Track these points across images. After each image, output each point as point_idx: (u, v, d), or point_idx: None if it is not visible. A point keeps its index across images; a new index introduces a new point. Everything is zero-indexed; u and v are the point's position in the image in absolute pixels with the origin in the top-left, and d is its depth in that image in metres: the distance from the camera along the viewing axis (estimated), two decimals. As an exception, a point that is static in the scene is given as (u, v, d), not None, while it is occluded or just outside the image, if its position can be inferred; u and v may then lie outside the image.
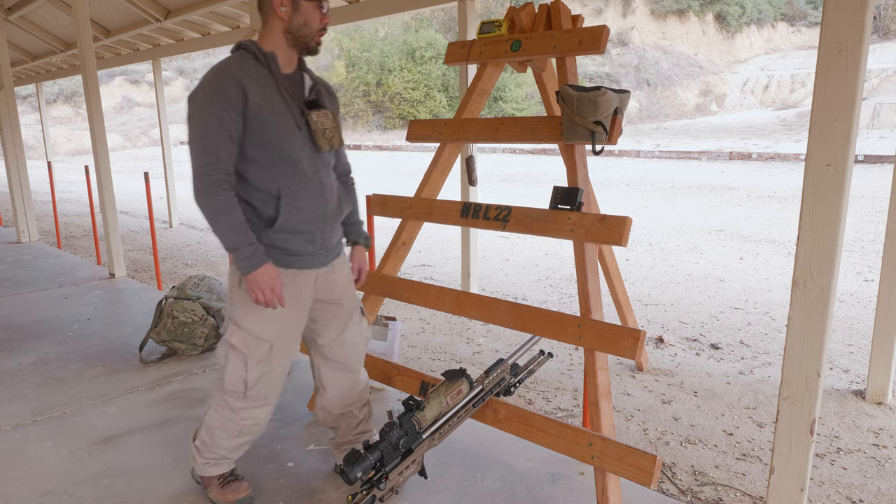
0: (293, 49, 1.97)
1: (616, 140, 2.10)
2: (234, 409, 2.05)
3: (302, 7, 1.92)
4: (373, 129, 26.77)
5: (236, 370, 2.00)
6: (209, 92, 1.84)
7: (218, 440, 2.10)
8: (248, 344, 1.98)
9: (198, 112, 1.85)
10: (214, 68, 1.89)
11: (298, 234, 1.98)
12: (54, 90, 29.26)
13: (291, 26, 1.93)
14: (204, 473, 2.17)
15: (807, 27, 29.13)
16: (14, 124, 7.10)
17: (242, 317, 1.98)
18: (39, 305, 4.64)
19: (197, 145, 1.85)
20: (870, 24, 1.58)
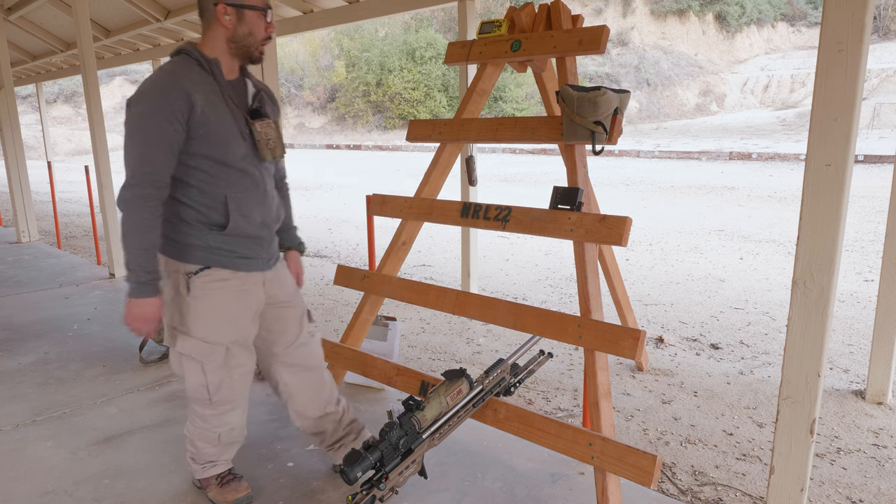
0: (236, 57, 1.95)
1: (616, 140, 2.10)
2: (204, 417, 2.04)
3: (247, 17, 1.89)
4: (373, 129, 26.77)
5: (195, 378, 1.98)
6: (154, 101, 1.80)
7: (202, 449, 2.12)
8: (201, 351, 1.95)
9: (139, 120, 1.81)
10: (159, 75, 1.84)
11: (248, 238, 1.97)
12: (54, 90, 29.26)
13: (235, 35, 1.90)
14: (201, 476, 2.17)
15: (807, 27, 29.13)
16: (14, 124, 7.10)
17: (193, 324, 1.94)
18: (39, 305, 4.64)
19: (134, 153, 1.80)
20: (870, 24, 1.58)
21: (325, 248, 7.23)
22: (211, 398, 2.00)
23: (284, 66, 29.71)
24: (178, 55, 1.91)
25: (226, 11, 1.87)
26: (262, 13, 1.92)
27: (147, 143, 1.79)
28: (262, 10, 1.91)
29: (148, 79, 1.86)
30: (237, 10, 1.88)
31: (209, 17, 1.90)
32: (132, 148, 1.81)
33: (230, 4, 1.86)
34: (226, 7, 1.86)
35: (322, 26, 5.55)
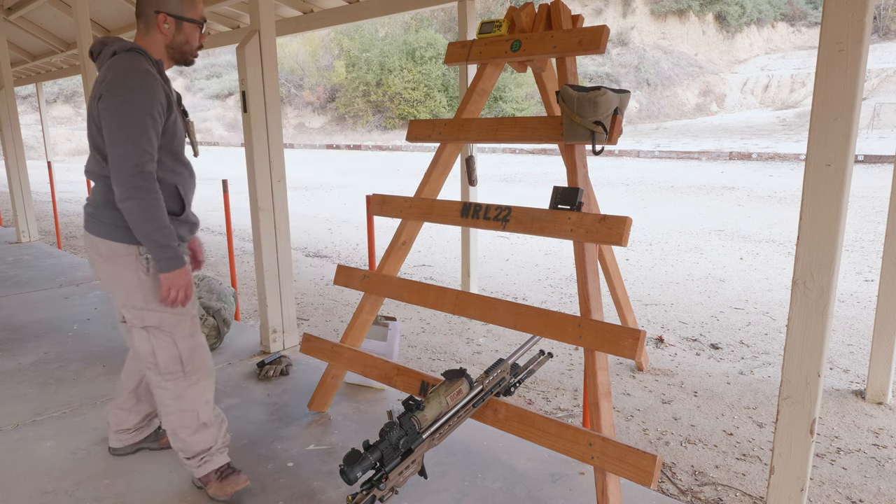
0: (171, 61, 2.11)
1: (616, 140, 2.10)
2: (178, 394, 2.11)
3: (185, 28, 2.06)
4: (373, 129, 26.77)
5: (167, 351, 2.08)
6: (144, 92, 1.90)
7: (187, 440, 2.15)
8: (170, 322, 2.07)
9: (132, 109, 1.88)
10: (134, 67, 1.92)
11: (189, 224, 2.15)
12: (54, 90, 29.26)
13: (173, 43, 2.07)
14: (201, 474, 2.19)
15: (807, 27, 29.13)
16: (14, 124, 7.10)
17: (156, 300, 2.05)
18: (39, 305, 4.64)
19: (131, 142, 1.87)
20: (870, 24, 1.58)
21: (325, 248, 7.23)
22: (185, 368, 2.10)
23: (284, 66, 29.70)
24: (128, 52, 1.98)
25: (166, 20, 2.02)
26: (199, 26, 2.10)
27: (144, 132, 1.89)
28: (199, 23, 2.09)
29: (119, 70, 1.92)
30: (176, 21, 2.04)
31: (148, 22, 2.03)
32: (130, 138, 1.88)
33: (171, 15, 2.02)
34: (166, 17, 2.02)
35: (322, 26, 5.55)
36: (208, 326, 3.52)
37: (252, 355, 3.58)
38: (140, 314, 2.06)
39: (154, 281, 2.04)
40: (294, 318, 3.72)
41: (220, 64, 33.34)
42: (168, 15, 2.01)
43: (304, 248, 7.23)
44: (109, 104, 1.89)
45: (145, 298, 2.04)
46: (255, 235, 3.52)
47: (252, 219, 3.51)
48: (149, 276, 2.04)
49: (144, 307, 2.05)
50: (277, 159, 3.50)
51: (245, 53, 3.27)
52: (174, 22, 2.03)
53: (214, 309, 3.58)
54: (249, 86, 3.31)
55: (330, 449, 2.55)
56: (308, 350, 2.81)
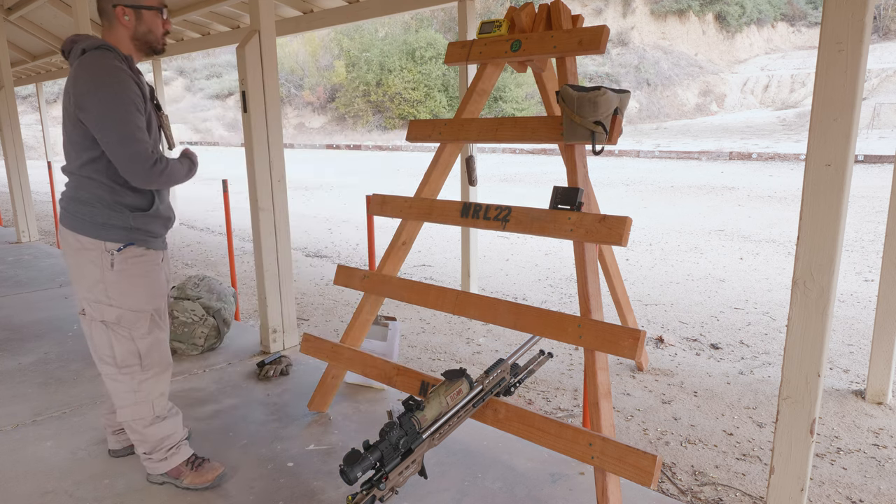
0: (141, 52, 2.14)
1: (616, 140, 2.10)
2: (134, 388, 2.15)
3: (144, 16, 2.08)
4: (373, 129, 26.77)
5: (124, 346, 2.12)
6: (120, 87, 1.93)
7: (144, 431, 2.20)
8: (129, 319, 2.11)
9: (116, 107, 1.92)
10: (105, 64, 1.94)
11: (162, 219, 2.19)
12: (54, 90, 29.25)
13: (136, 34, 2.08)
14: (168, 468, 2.24)
15: (807, 27, 29.13)
16: (14, 124, 7.10)
17: (119, 296, 2.09)
18: (39, 305, 4.64)
19: (136, 139, 1.94)
20: (870, 24, 1.58)
21: (325, 248, 7.23)
22: (142, 362, 2.15)
23: (284, 66, 29.70)
24: (98, 49, 1.99)
25: (125, 13, 2.04)
26: (158, 12, 2.11)
27: (137, 125, 1.96)
28: (158, 9, 2.11)
29: (92, 71, 1.94)
30: (135, 11, 2.06)
31: (110, 18, 2.06)
32: (133, 137, 1.94)
33: (128, 6, 2.04)
34: (124, 9, 2.04)
35: (322, 26, 5.55)
36: (208, 326, 3.52)
37: (252, 355, 3.58)
38: (100, 308, 2.10)
39: (118, 276, 2.07)
40: (294, 318, 3.72)
41: (220, 64, 33.34)
42: (125, 7, 2.03)
43: (304, 248, 7.23)
44: (93, 110, 1.92)
45: (107, 293, 2.08)
46: (255, 235, 3.52)
47: (252, 219, 3.51)
48: (112, 272, 2.07)
49: (105, 302, 2.09)
50: (277, 159, 3.50)
51: (245, 53, 3.27)
52: (133, 12, 2.05)
53: (214, 309, 3.58)
54: (249, 86, 3.31)
55: (330, 449, 2.55)
56: (308, 350, 2.81)
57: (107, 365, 2.15)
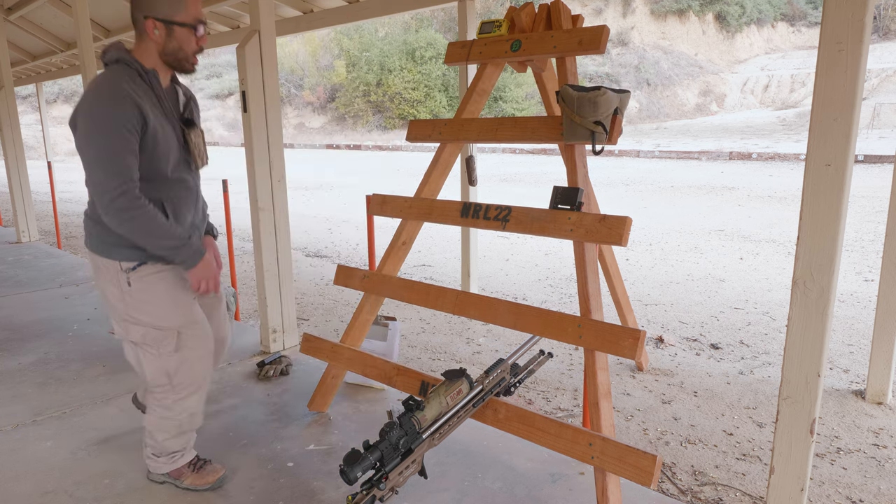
0: (169, 67, 1.99)
1: (616, 140, 2.10)
2: (165, 405, 2.11)
3: (176, 32, 1.92)
4: (373, 129, 26.77)
5: (153, 364, 2.06)
6: (112, 112, 1.80)
7: (163, 442, 2.18)
8: (153, 337, 2.03)
9: (100, 132, 1.81)
10: (107, 84, 1.84)
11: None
12: (54, 90, 29.26)
13: (165, 49, 1.94)
14: (170, 469, 2.24)
15: (807, 27, 29.13)
16: (14, 124, 7.10)
17: (140, 314, 2.02)
18: (39, 305, 4.64)
19: (104, 166, 1.82)
20: (870, 24, 1.58)
21: (325, 248, 7.23)
22: (171, 382, 2.08)
23: (284, 66, 29.70)
24: (115, 63, 1.92)
25: (155, 26, 1.90)
26: (192, 29, 1.94)
27: (117, 155, 1.82)
28: (192, 26, 1.94)
29: (92, 91, 1.85)
30: (166, 27, 1.90)
31: (140, 29, 1.93)
32: (101, 162, 1.82)
33: (159, 19, 1.89)
34: (155, 22, 1.89)
35: (322, 26, 5.55)
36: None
37: (252, 355, 3.58)
38: (126, 327, 2.05)
39: (137, 294, 2.00)
40: (294, 318, 3.72)
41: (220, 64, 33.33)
42: (156, 20, 1.89)
43: (304, 248, 7.23)
44: (79, 130, 1.85)
45: (129, 312, 2.02)
46: (255, 235, 3.52)
47: (252, 219, 3.51)
48: (130, 290, 2.00)
49: (129, 320, 2.03)
50: (277, 159, 3.50)
51: (245, 53, 3.27)
52: (164, 27, 1.90)
53: (214, 309, 3.58)
54: (249, 86, 3.31)
55: (330, 449, 2.55)
56: (308, 350, 2.81)
57: (152, 402, 2.14)
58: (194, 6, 1.94)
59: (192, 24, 1.94)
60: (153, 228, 1.89)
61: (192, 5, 1.94)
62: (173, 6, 1.90)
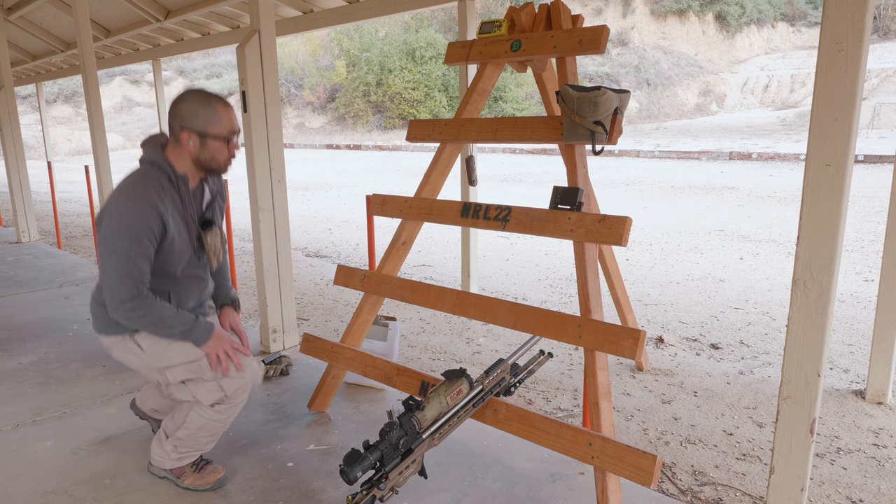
0: (200, 172, 2.09)
1: (616, 140, 2.10)
2: (220, 412, 2.15)
3: (209, 144, 2.01)
4: (373, 129, 26.76)
5: (207, 389, 2.11)
6: (134, 222, 1.91)
7: (199, 438, 2.20)
8: (193, 369, 2.09)
9: (121, 241, 1.91)
10: (135, 190, 1.94)
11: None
12: (54, 90, 29.26)
13: (199, 158, 2.03)
14: (175, 465, 2.25)
15: (807, 27, 29.12)
16: (14, 124, 7.10)
17: (169, 361, 2.09)
18: (39, 305, 4.64)
19: (118, 270, 1.92)
20: (870, 24, 1.58)
21: (325, 248, 7.23)
22: (227, 394, 2.12)
23: (284, 66, 29.70)
24: (149, 165, 2.01)
25: (190, 137, 1.99)
26: (224, 141, 2.03)
27: (131, 261, 1.92)
28: (226, 138, 2.03)
29: (122, 194, 1.95)
30: (201, 138, 1.99)
31: (175, 136, 2.01)
32: (117, 266, 1.92)
33: (194, 132, 1.98)
34: (190, 134, 1.98)
35: (322, 26, 5.55)
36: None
37: (252, 355, 3.58)
38: (164, 375, 2.12)
39: (152, 348, 2.08)
40: (294, 318, 3.72)
41: (220, 64, 33.33)
42: (191, 131, 1.98)
43: (304, 248, 7.23)
44: (103, 230, 1.95)
45: (155, 365, 2.10)
46: (255, 235, 3.52)
47: (252, 219, 3.51)
48: (144, 351, 2.09)
49: (162, 369, 2.11)
50: (277, 159, 3.50)
51: (245, 53, 3.27)
52: (198, 138, 1.99)
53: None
54: (249, 86, 3.31)
55: (330, 449, 2.55)
56: (308, 350, 2.81)
57: (198, 407, 2.15)
58: (228, 119, 2.02)
59: (227, 136, 2.03)
60: (161, 320, 2.00)
61: (226, 118, 2.02)
62: (209, 120, 1.98)
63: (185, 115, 1.98)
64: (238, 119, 2.11)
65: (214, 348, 2.09)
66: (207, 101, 2.00)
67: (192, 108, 1.98)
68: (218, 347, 2.09)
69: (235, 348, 2.12)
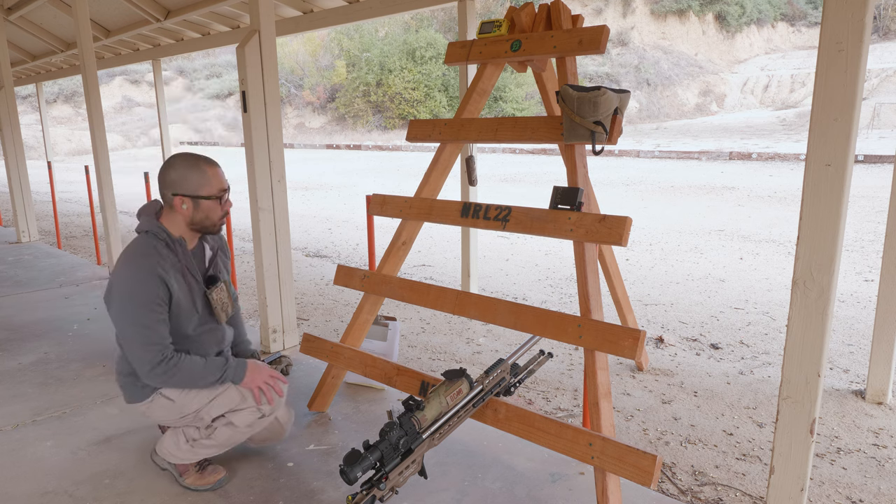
0: (195, 234, 2.17)
1: (616, 140, 2.10)
2: (252, 425, 2.23)
3: (202, 205, 2.09)
4: (373, 129, 26.76)
5: (247, 414, 2.20)
6: (141, 293, 1.98)
7: (237, 434, 2.23)
8: (228, 402, 2.16)
9: (134, 314, 1.99)
10: (136, 264, 2.01)
11: None
12: (54, 90, 29.26)
13: (193, 220, 2.11)
14: (183, 462, 2.26)
15: (807, 27, 29.12)
16: (14, 124, 7.10)
17: (199, 402, 2.15)
18: (39, 305, 4.64)
19: (139, 341, 2.00)
20: (870, 24, 1.58)
21: (325, 248, 7.23)
22: (263, 412, 2.20)
23: (284, 66, 29.70)
24: (145, 234, 2.09)
25: (183, 202, 2.07)
26: (218, 201, 2.12)
27: (150, 328, 2.00)
28: (218, 197, 2.11)
29: (122, 268, 2.03)
30: (193, 201, 2.08)
31: (169, 204, 2.10)
32: (137, 337, 2.00)
33: (186, 196, 2.07)
34: (182, 198, 2.07)
35: (322, 26, 5.55)
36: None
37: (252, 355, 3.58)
38: (200, 418, 2.18)
39: (182, 399, 2.14)
40: (294, 318, 3.72)
41: (220, 64, 33.34)
42: (184, 196, 2.06)
43: (304, 248, 7.23)
44: (114, 307, 2.03)
45: (189, 411, 2.15)
46: (255, 235, 3.52)
47: (252, 219, 3.51)
48: (174, 402, 2.15)
49: (197, 413, 2.16)
50: (277, 159, 3.50)
51: (245, 53, 3.27)
52: (191, 201, 2.07)
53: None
54: (249, 86, 3.31)
55: (330, 449, 2.55)
56: (308, 350, 2.81)
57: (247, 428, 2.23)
58: (217, 179, 2.11)
59: (218, 195, 2.11)
60: (193, 375, 2.07)
61: (215, 179, 2.10)
62: (199, 182, 2.07)
63: (175, 182, 2.06)
64: (225, 177, 2.19)
65: (253, 382, 2.16)
66: (196, 165, 2.08)
67: (181, 173, 2.06)
68: (257, 380, 2.17)
69: (272, 375, 2.20)
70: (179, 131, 28.09)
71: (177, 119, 28.86)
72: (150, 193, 5.08)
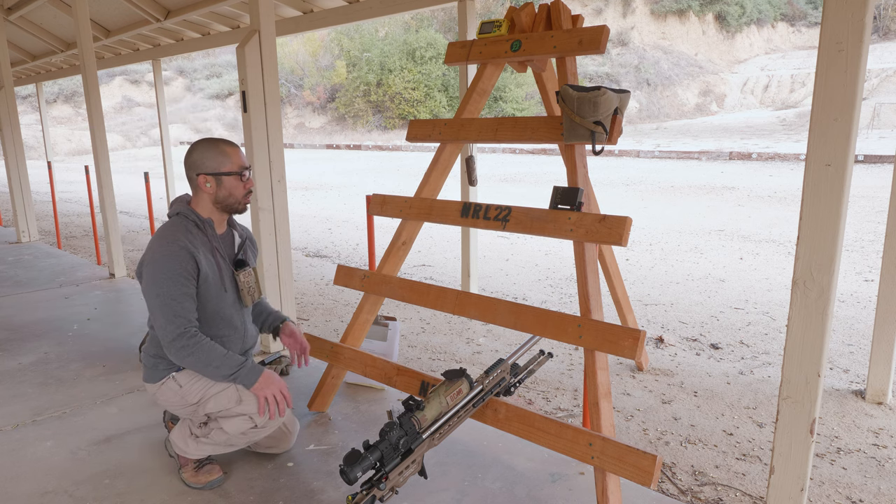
0: (224, 213, 2.26)
1: (616, 140, 2.10)
2: (247, 434, 2.23)
3: (225, 182, 2.19)
4: (373, 129, 26.76)
5: (234, 423, 2.20)
6: (170, 265, 2.06)
7: (232, 439, 2.23)
8: (218, 403, 2.18)
9: (161, 284, 2.06)
10: (166, 240, 2.10)
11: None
12: (54, 90, 29.25)
13: (218, 198, 2.20)
14: (183, 453, 2.27)
15: (807, 27, 29.13)
16: (14, 124, 7.10)
17: (199, 394, 2.19)
18: (39, 305, 4.64)
19: (166, 313, 2.06)
20: (870, 24, 1.58)
21: (325, 248, 7.23)
22: (257, 423, 2.20)
23: (284, 66, 29.70)
24: (176, 216, 2.19)
25: (206, 180, 2.17)
26: (238, 176, 2.20)
27: (176, 302, 2.07)
28: (238, 173, 2.20)
29: (154, 245, 2.12)
30: (216, 179, 2.17)
31: (194, 185, 2.21)
32: (163, 309, 2.06)
33: (209, 174, 2.16)
34: (206, 177, 2.17)
35: (322, 26, 5.55)
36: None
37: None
38: (195, 411, 2.21)
39: (190, 385, 2.19)
40: (294, 317, 3.72)
41: (220, 64, 33.33)
42: (206, 174, 2.16)
43: (304, 248, 7.23)
44: (145, 280, 2.10)
45: (192, 400, 2.20)
46: (255, 235, 3.52)
47: (252, 219, 3.51)
48: (182, 388, 2.20)
49: (195, 405, 2.20)
50: (277, 159, 3.50)
51: (245, 53, 3.27)
52: (213, 179, 2.16)
53: (214, 309, 3.58)
54: (249, 86, 3.31)
55: (330, 449, 2.55)
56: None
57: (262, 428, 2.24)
58: (237, 157, 2.20)
59: (238, 171, 2.20)
60: (212, 359, 2.10)
61: (234, 156, 2.20)
62: (219, 160, 2.17)
63: (197, 162, 2.17)
64: (245, 157, 2.26)
65: (263, 390, 2.15)
66: (215, 145, 2.19)
67: (202, 153, 2.17)
68: (267, 390, 2.16)
69: (282, 391, 2.19)
70: (179, 131, 28.08)
71: (177, 119, 28.86)
72: (151, 193, 5.08)
